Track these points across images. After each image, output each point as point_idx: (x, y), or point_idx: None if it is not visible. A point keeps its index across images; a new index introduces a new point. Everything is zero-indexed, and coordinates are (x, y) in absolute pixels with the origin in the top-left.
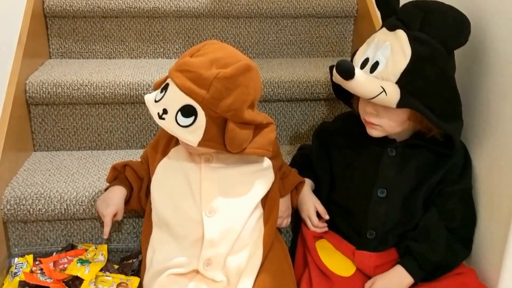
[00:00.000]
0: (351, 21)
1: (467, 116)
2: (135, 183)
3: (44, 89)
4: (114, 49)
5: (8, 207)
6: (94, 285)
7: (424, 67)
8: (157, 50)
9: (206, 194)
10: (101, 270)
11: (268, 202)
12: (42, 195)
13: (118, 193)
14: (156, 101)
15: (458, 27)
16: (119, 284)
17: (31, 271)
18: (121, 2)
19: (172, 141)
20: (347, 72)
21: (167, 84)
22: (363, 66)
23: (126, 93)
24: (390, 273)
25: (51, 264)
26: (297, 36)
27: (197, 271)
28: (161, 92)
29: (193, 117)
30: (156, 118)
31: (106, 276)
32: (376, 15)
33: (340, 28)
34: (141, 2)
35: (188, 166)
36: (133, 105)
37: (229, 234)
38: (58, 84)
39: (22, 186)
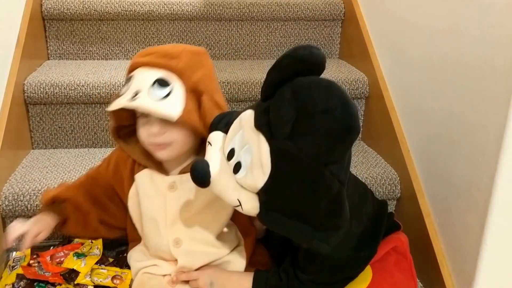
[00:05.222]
0: (338, 24)
1: (447, 115)
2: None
3: (42, 89)
4: (110, 50)
5: (7, 203)
6: (90, 277)
7: (285, 185)
8: None
9: (171, 225)
10: (96, 263)
11: (237, 218)
12: (40, 192)
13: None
14: (121, 95)
15: (335, 139)
16: (114, 277)
17: (29, 265)
18: (117, 5)
19: (133, 167)
20: (200, 182)
21: (131, 76)
22: (230, 156)
23: None
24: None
25: (48, 258)
26: (287, 38)
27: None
28: (125, 85)
29: (168, 88)
30: (125, 103)
31: (102, 269)
32: (363, 18)
33: (328, 30)
34: (136, 6)
35: (154, 196)
36: None
37: (201, 257)
38: (55, 84)
39: (20, 183)
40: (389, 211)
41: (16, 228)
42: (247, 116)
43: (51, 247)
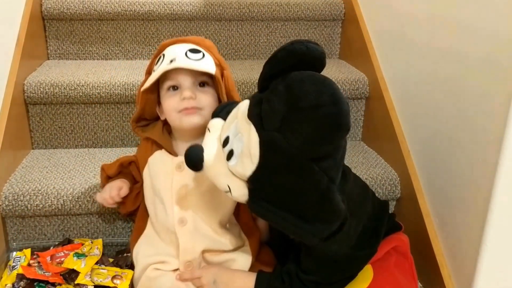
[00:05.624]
0: (338, 24)
1: (447, 115)
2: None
3: (42, 89)
4: (110, 50)
5: (7, 203)
6: (90, 277)
7: (272, 176)
8: (152, 52)
9: (177, 204)
10: (96, 263)
11: (241, 217)
12: (40, 191)
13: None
14: (155, 70)
15: (323, 135)
16: (114, 277)
17: (29, 265)
18: (117, 5)
19: (149, 153)
20: (193, 166)
21: (162, 55)
22: (225, 143)
23: (121, 93)
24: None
25: (48, 258)
26: (287, 38)
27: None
28: (157, 64)
29: (201, 54)
30: (166, 67)
31: (102, 269)
32: (363, 18)
33: (328, 30)
34: (136, 6)
35: (162, 174)
36: (128, 104)
37: (203, 240)
38: (55, 84)
39: (20, 183)
40: (390, 212)
41: (105, 197)
42: (244, 106)
43: (51, 247)
